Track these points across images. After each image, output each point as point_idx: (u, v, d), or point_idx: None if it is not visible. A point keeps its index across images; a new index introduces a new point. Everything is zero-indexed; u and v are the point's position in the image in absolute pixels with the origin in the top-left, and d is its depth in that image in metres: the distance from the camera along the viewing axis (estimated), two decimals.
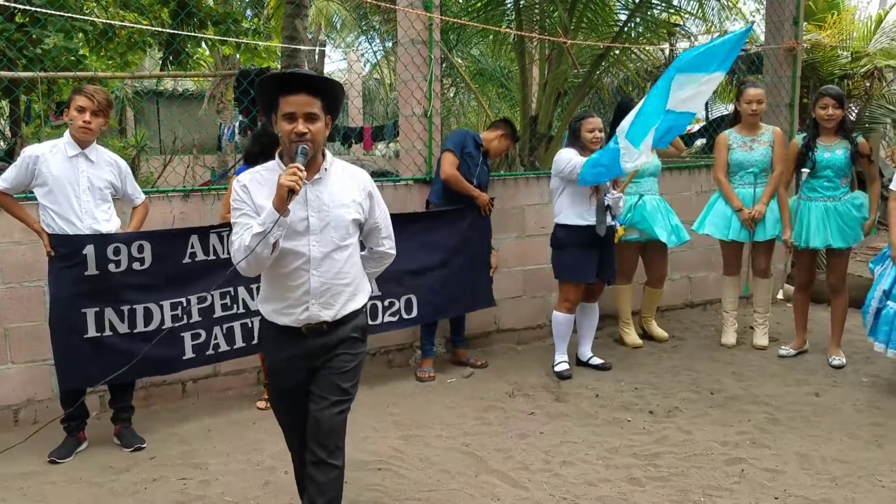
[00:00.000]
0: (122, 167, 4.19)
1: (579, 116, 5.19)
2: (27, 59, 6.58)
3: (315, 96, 2.63)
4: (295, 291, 2.72)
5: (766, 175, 5.59)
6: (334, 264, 2.73)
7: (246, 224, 2.64)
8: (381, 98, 19.89)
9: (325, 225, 2.70)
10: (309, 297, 2.71)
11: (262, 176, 2.73)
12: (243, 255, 2.59)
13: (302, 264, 2.69)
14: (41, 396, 4.54)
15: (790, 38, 7.15)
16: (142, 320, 4.22)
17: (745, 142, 5.62)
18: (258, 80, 2.71)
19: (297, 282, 2.71)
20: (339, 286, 2.76)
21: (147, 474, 3.83)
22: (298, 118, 2.60)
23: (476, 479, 3.71)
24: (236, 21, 8.58)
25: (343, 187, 2.77)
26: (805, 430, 4.22)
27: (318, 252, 2.70)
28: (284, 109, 2.61)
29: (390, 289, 5.03)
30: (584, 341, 5.47)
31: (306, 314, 2.73)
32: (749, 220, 5.51)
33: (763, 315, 5.83)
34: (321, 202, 2.71)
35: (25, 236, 4.35)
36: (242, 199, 2.70)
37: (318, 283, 2.71)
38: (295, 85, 2.62)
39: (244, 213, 2.68)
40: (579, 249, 5.05)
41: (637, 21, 8.26)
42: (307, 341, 2.77)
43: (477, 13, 8.34)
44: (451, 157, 5.17)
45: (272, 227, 2.52)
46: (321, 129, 2.65)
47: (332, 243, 2.72)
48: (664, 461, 3.87)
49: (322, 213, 2.70)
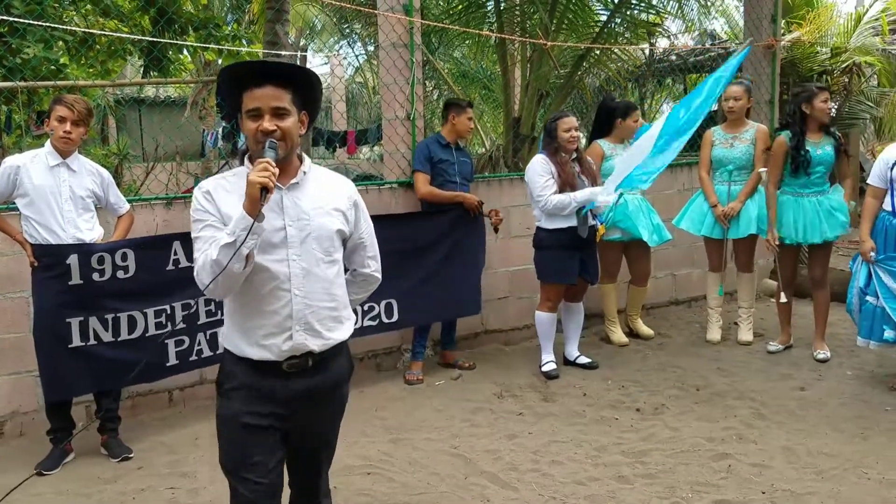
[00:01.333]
0: (104, 176, 4.17)
1: (555, 117, 5.21)
2: (7, 69, 6.54)
3: (283, 88, 2.25)
4: (274, 316, 2.27)
5: (745, 172, 5.64)
6: (318, 282, 2.32)
7: (211, 238, 2.21)
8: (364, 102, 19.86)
9: (306, 236, 2.29)
10: (292, 321, 2.27)
11: (230, 182, 2.31)
12: (212, 273, 2.15)
13: (281, 283, 2.26)
14: (26, 408, 4.51)
15: (768, 35, 7.22)
16: (126, 328, 4.20)
17: (727, 139, 5.67)
18: (219, 73, 2.33)
19: (275, 305, 2.27)
20: (324, 309, 2.33)
21: (135, 484, 3.81)
22: (264, 114, 2.22)
23: (465, 482, 3.72)
24: (217, 26, 8.55)
25: (325, 193, 2.38)
26: (791, 425, 4.26)
27: (299, 268, 2.28)
28: (248, 105, 2.24)
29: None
30: (571, 341, 5.49)
31: (290, 343, 2.28)
32: (722, 216, 5.56)
33: (747, 310, 5.87)
34: (300, 210, 2.30)
35: (8, 247, 4.32)
36: (205, 209, 2.26)
37: (301, 304, 2.28)
38: (259, 76, 2.24)
39: (209, 225, 2.25)
40: (561, 251, 5.07)
41: (617, 21, 8.30)
42: (289, 383, 2.31)
43: (458, 16, 8.36)
44: (421, 175, 5.24)
45: (245, 234, 2.10)
46: (293, 125, 2.26)
47: (315, 257, 2.31)
48: (652, 458, 3.89)
49: (301, 223, 2.29)
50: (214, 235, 2.20)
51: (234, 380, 2.32)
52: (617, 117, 5.76)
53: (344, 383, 2.49)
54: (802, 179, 5.29)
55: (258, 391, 2.30)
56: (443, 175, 5.24)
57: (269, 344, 2.28)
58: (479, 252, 5.45)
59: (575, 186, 5.00)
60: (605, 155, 5.72)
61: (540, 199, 5.00)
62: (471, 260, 5.40)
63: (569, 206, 4.94)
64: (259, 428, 2.29)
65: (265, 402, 2.30)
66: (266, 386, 2.30)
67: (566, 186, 4.98)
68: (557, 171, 5.00)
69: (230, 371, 2.35)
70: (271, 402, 2.30)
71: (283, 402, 2.31)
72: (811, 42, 9.39)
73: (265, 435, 2.31)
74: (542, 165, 5.05)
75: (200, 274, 2.20)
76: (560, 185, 4.98)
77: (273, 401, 2.30)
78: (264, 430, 2.30)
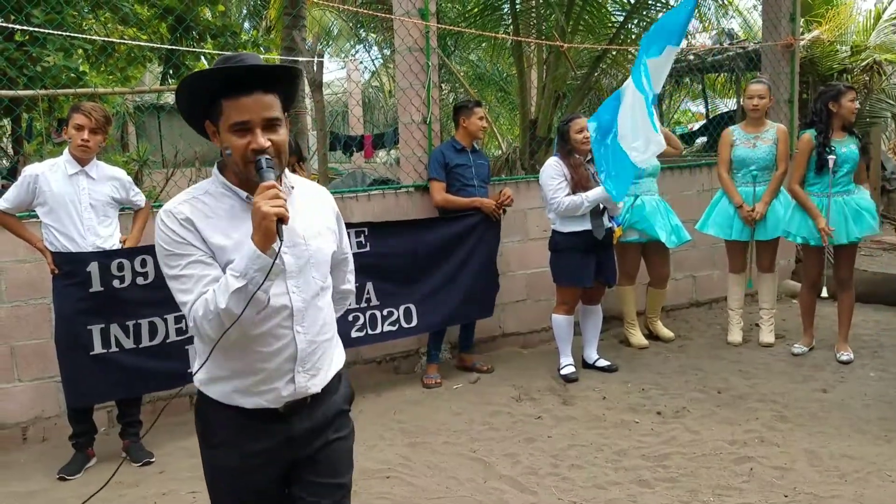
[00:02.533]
0: (122, 179, 4.21)
1: (567, 119, 5.18)
2: (27, 77, 6.62)
3: (272, 92, 1.88)
4: (273, 359, 1.94)
5: (768, 173, 5.58)
6: (319, 314, 2.01)
7: (202, 276, 1.85)
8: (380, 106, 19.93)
9: (305, 263, 1.97)
10: (295, 363, 1.96)
11: (206, 204, 1.93)
12: (220, 325, 1.81)
13: (282, 320, 1.93)
14: (49, 413, 4.56)
15: (787, 34, 7.16)
16: (147, 335, 4.24)
17: (748, 138, 5.61)
18: (185, 80, 1.90)
19: (275, 346, 1.93)
20: (322, 342, 2.03)
21: (156, 488, 3.83)
22: (255, 127, 1.85)
23: (484, 486, 3.71)
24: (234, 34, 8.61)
25: (315, 212, 2.06)
26: (813, 427, 4.21)
27: (301, 301, 1.96)
28: (233, 118, 1.84)
29: (389, 299, 5.05)
30: (589, 344, 5.46)
31: (290, 388, 1.96)
32: (748, 217, 5.51)
33: (769, 312, 5.82)
34: (293, 233, 1.93)
35: (30, 254, 4.37)
36: (188, 242, 1.87)
37: (304, 342, 1.97)
38: (245, 82, 1.85)
39: (196, 261, 1.87)
40: (577, 253, 5.04)
41: (634, 22, 8.26)
42: (287, 426, 2.00)
43: (474, 19, 8.36)
44: (436, 184, 5.27)
45: (264, 277, 1.78)
46: (285, 137, 1.93)
47: (314, 287, 2.00)
48: (673, 462, 3.86)
49: (298, 248, 1.95)
50: (206, 273, 1.86)
51: (220, 432, 2.01)
52: None
53: (346, 408, 2.17)
54: (827, 179, 5.21)
55: (252, 436, 1.99)
56: (460, 179, 5.24)
57: (265, 390, 1.95)
58: (493, 255, 5.44)
59: (588, 188, 4.98)
60: None
61: (553, 201, 4.99)
62: (487, 262, 5.39)
63: (581, 206, 4.92)
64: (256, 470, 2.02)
65: (263, 450, 2.00)
66: (260, 431, 2.00)
67: (579, 188, 4.96)
68: (570, 174, 4.98)
69: (213, 420, 2.01)
70: (269, 450, 2.01)
71: (280, 445, 2.02)
72: (830, 40, 9.31)
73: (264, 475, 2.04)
74: (554, 168, 5.03)
75: (203, 326, 1.83)
76: (573, 187, 4.96)
77: (271, 447, 2.01)
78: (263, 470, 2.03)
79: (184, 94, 1.92)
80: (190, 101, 1.92)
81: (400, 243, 5.10)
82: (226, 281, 1.80)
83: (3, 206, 3.97)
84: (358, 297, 4.94)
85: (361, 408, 4.88)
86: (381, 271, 5.02)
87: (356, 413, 4.73)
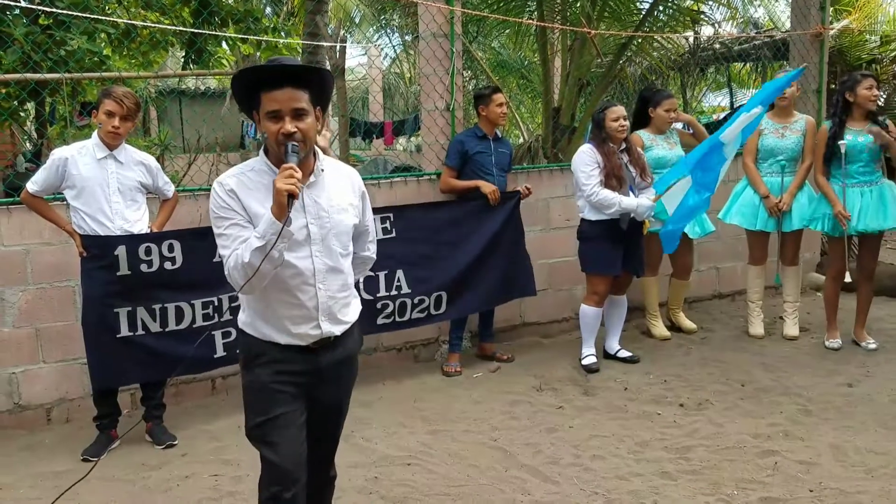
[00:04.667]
0: (150, 165, 4.21)
1: (602, 106, 5.12)
2: (52, 61, 6.65)
3: (302, 89, 2.31)
4: (300, 308, 2.43)
5: (795, 164, 5.52)
6: (339, 276, 2.49)
7: (237, 236, 2.33)
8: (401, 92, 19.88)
9: (327, 233, 2.42)
10: (318, 312, 2.44)
11: (250, 179, 2.39)
12: (245, 275, 2.27)
13: (307, 278, 2.41)
14: (73, 395, 4.60)
15: (817, 23, 7.04)
16: (174, 319, 4.26)
17: (777, 128, 5.55)
18: (234, 76, 2.36)
19: (301, 298, 2.42)
20: (342, 298, 2.51)
21: (179, 471, 3.86)
22: (285, 116, 2.28)
23: (506, 474, 3.70)
24: (257, 19, 8.61)
25: (340, 189, 2.50)
26: (838, 422, 4.16)
27: (322, 264, 2.43)
28: (268, 107, 2.29)
29: (421, 286, 5.02)
30: (612, 334, 5.43)
31: (318, 332, 2.46)
32: (774, 208, 5.44)
33: (793, 304, 5.75)
34: (319, 207, 2.41)
35: (55, 237, 4.40)
36: (231, 208, 2.35)
37: (325, 297, 2.45)
38: (278, 78, 2.29)
39: (235, 224, 2.35)
40: (606, 241, 5.00)
41: (661, 9, 8.16)
42: (315, 358, 2.50)
43: (497, 5, 8.29)
44: (446, 170, 5.30)
45: (276, 239, 2.21)
46: (312, 125, 2.33)
47: (335, 253, 2.46)
48: (696, 454, 3.83)
49: (322, 220, 2.42)
50: (241, 234, 2.32)
51: (263, 357, 2.47)
52: (650, 107, 5.67)
53: (356, 355, 2.69)
54: (846, 168, 5.14)
55: (285, 363, 2.46)
56: (479, 167, 5.21)
57: (298, 332, 2.44)
58: (522, 234, 5.39)
59: (622, 178, 4.93)
60: (645, 145, 5.62)
61: (585, 187, 4.94)
62: (517, 241, 5.34)
63: (613, 207, 4.88)
64: (284, 392, 2.46)
65: (291, 373, 2.47)
66: (295, 359, 2.47)
67: (612, 177, 4.91)
68: (604, 162, 4.93)
69: (258, 352, 2.48)
70: (297, 374, 2.47)
71: (307, 373, 2.49)
72: (860, 30, 9.15)
73: (288, 398, 2.46)
74: (588, 155, 4.98)
75: (233, 274, 2.32)
76: (606, 175, 4.91)
77: (298, 372, 2.48)
78: (288, 394, 2.46)
79: (235, 88, 2.37)
80: (239, 94, 2.37)
81: (425, 227, 5.08)
82: (250, 241, 2.26)
83: (32, 189, 3.99)
84: (388, 285, 4.93)
85: (382, 395, 4.88)
86: (409, 257, 5.00)
87: (377, 400, 4.76)
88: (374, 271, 4.85)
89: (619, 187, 4.93)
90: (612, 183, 4.91)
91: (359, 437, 4.19)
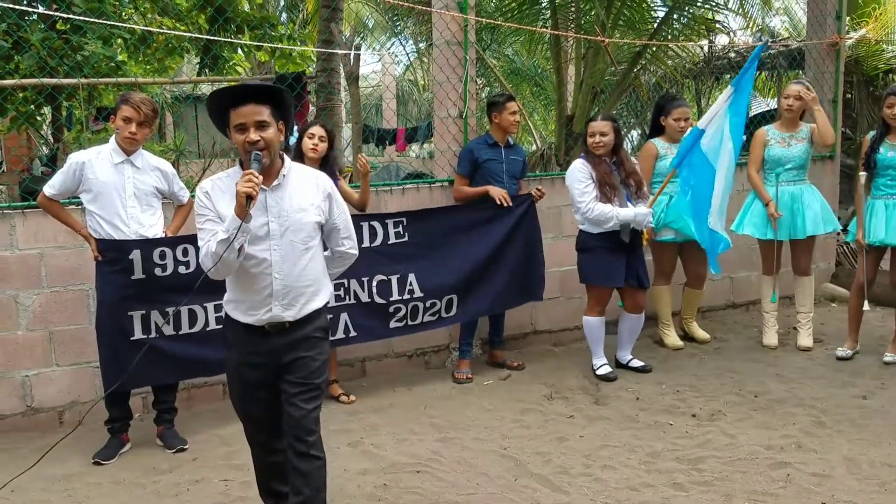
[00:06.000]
0: (167, 171, 4.24)
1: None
2: (69, 66, 6.71)
3: (262, 104, 2.72)
4: (258, 294, 2.82)
5: (803, 172, 5.52)
6: (295, 267, 2.83)
7: (211, 230, 2.75)
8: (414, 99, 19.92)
9: (286, 229, 2.80)
10: (272, 298, 2.82)
11: (224, 182, 2.82)
12: (212, 262, 2.70)
13: (264, 268, 2.80)
14: (85, 398, 4.62)
15: (833, 32, 7.01)
16: (187, 322, 4.28)
17: (783, 138, 5.53)
18: (208, 98, 2.81)
19: (260, 284, 2.81)
20: (300, 287, 2.85)
21: (189, 475, 3.87)
22: (249, 127, 2.69)
23: (515, 483, 3.68)
24: (273, 26, 8.66)
25: (302, 191, 2.86)
26: (852, 434, 4.11)
27: (279, 256, 2.80)
28: (235, 121, 2.71)
29: (433, 290, 5.02)
30: (624, 345, 5.39)
31: (269, 315, 2.82)
32: (773, 216, 5.43)
33: (807, 315, 5.70)
34: (280, 208, 2.80)
35: (70, 240, 4.44)
36: (206, 206, 2.80)
37: (280, 285, 2.81)
38: (242, 97, 2.72)
39: (208, 220, 2.79)
40: (605, 252, 4.97)
41: (675, 17, 8.14)
42: (271, 339, 2.87)
43: (511, 13, 8.30)
44: (458, 178, 5.32)
45: (236, 233, 2.63)
46: (274, 134, 2.74)
47: (293, 247, 2.82)
48: (708, 465, 3.80)
49: (282, 219, 2.80)
50: (213, 228, 2.75)
51: (233, 336, 2.94)
52: (661, 115, 5.66)
53: (319, 335, 2.95)
54: (884, 180, 5.15)
55: (248, 343, 2.89)
56: (489, 174, 5.21)
57: (254, 314, 2.84)
58: (535, 239, 5.37)
59: (615, 187, 4.92)
60: (659, 154, 5.61)
61: (581, 204, 4.93)
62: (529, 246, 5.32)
63: (611, 221, 4.87)
64: (252, 367, 2.89)
65: (253, 352, 2.89)
66: (253, 341, 2.88)
67: (605, 185, 4.91)
68: (595, 173, 4.93)
69: (230, 329, 2.96)
70: (259, 353, 2.88)
71: (267, 352, 2.87)
72: (877, 39, 9.09)
73: (258, 372, 2.89)
74: (581, 171, 4.98)
75: (204, 260, 2.76)
76: (598, 184, 4.92)
77: (260, 352, 2.88)
78: (256, 368, 2.89)
79: (210, 108, 2.79)
80: (214, 112, 2.80)
81: (438, 231, 5.09)
82: (218, 233, 2.69)
83: (49, 192, 4.03)
84: (400, 289, 4.94)
85: (392, 401, 4.88)
86: (422, 261, 5.01)
87: (387, 406, 4.76)
88: (387, 275, 4.86)
89: (614, 194, 4.92)
90: (605, 190, 4.90)
91: (368, 443, 4.19)
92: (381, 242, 4.88)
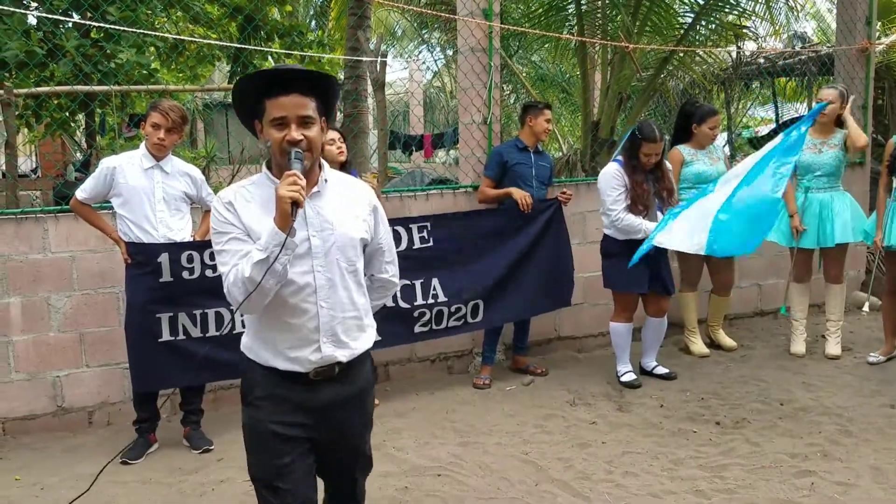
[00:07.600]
0: (195, 176, 4.32)
1: (644, 136, 4.85)
2: (102, 73, 6.85)
3: (308, 95, 2.18)
4: (300, 330, 2.23)
5: (834, 179, 5.45)
6: (343, 292, 2.27)
7: (237, 251, 2.17)
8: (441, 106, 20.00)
9: (330, 245, 2.24)
10: (319, 334, 2.23)
11: (249, 192, 2.26)
12: (245, 291, 2.10)
13: (307, 295, 2.22)
14: (114, 399, 4.71)
15: (863, 38, 6.93)
16: (214, 325, 4.35)
17: (814, 143, 5.46)
18: (236, 82, 2.25)
19: (302, 318, 2.23)
20: (350, 319, 2.30)
21: (215, 476, 3.92)
22: (291, 123, 2.15)
23: (536, 488, 3.69)
24: (301, 33, 8.77)
25: (346, 201, 2.32)
26: (879, 443, 4.06)
27: (324, 279, 2.23)
28: (273, 114, 2.16)
29: (457, 295, 5.04)
30: (649, 352, 5.35)
31: (318, 355, 2.24)
32: (796, 229, 5.39)
33: (836, 323, 5.63)
34: (322, 219, 2.24)
35: (100, 244, 4.53)
36: (229, 221, 2.21)
37: (327, 316, 2.24)
38: (284, 83, 2.16)
39: (233, 238, 2.19)
40: (629, 258, 4.96)
41: (702, 24, 8.10)
42: (316, 393, 2.27)
43: (538, 20, 8.31)
44: (484, 180, 5.34)
45: (279, 250, 2.06)
46: (318, 134, 2.20)
47: (339, 267, 2.26)
48: (731, 473, 3.77)
49: (325, 233, 2.24)
50: (241, 248, 2.17)
51: (260, 389, 2.29)
52: (693, 122, 5.61)
53: (369, 391, 2.45)
54: None
55: (285, 400, 2.26)
56: (518, 178, 5.22)
57: (297, 356, 2.24)
58: (563, 244, 5.37)
59: (647, 206, 4.90)
60: (685, 160, 5.58)
61: (611, 212, 4.92)
62: (557, 252, 5.33)
63: (639, 234, 4.84)
64: (287, 437, 2.26)
65: (293, 411, 2.27)
66: (293, 395, 2.27)
67: (639, 203, 4.88)
68: (631, 186, 4.90)
69: (255, 381, 2.30)
70: (299, 412, 2.27)
71: (310, 410, 2.28)
72: None
73: (294, 443, 2.27)
74: (615, 178, 4.93)
75: (232, 291, 2.15)
76: (632, 200, 4.89)
77: (300, 410, 2.27)
78: (293, 439, 2.27)
79: (237, 95, 2.25)
80: (241, 101, 2.25)
81: (463, 236, 5.11)
82: (252, 254, 2.11)
83: (81, 196, 4.13)
84: (424, 294, 4.96)
85: (415, 405, 4.90)
86: (446, 266, 5.03)
87: (409, 410, 4.78)
88: (411, 280, 4.89)
89: (645, 213, 4.90)
90: (637, 209, 4.88)
91: (390, 446, 4.22)
92: (405, 247, 4.91)
